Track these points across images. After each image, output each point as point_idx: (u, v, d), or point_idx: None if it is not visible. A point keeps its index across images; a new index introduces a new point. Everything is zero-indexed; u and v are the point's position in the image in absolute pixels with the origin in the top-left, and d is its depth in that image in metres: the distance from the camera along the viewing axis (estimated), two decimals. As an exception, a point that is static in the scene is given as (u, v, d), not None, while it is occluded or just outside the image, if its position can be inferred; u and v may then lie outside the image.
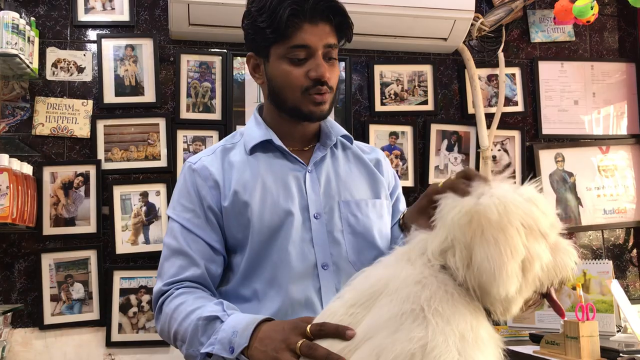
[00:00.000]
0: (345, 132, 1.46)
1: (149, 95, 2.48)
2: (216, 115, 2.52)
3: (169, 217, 1.37)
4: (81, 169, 2.38)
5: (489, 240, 0.92)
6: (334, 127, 1.45)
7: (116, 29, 2.50)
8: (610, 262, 2.14)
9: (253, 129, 1.41)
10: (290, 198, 1.32)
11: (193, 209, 1.33)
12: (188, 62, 2.52)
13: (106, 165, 2.41)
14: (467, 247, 0.94)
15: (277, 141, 1.37)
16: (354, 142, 1.50)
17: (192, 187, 1.34)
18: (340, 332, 0.95)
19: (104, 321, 2.33)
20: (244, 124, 2.53)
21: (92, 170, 2.38)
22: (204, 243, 1.31)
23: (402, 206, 1.52)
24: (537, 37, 2.85)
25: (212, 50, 2.56)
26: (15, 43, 2.14)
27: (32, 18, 2.37)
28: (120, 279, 2.36)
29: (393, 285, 0.94)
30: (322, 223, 1.33)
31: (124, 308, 2.35)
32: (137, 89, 2.48)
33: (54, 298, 2.31)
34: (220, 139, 2.48)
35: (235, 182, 1.33)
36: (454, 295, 0.93)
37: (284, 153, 1.38)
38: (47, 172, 2.35)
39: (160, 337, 1.32)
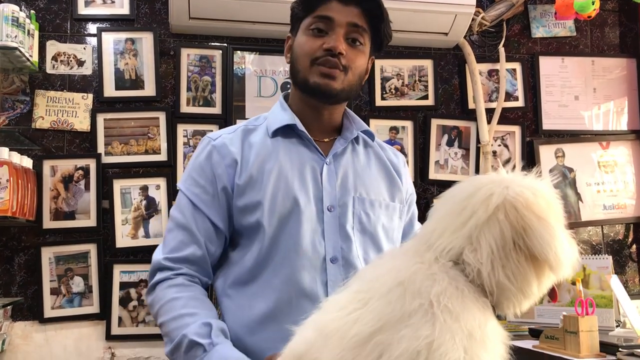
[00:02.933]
0: (367, 127, 1.45)
1: (149, 89, 2.47)
2: (216, 110, 2.52)
3: (179, 189, 1.37)
4: (81, 162, 2.38)
5: (549, 221, 0.93)
6: (356, 121, 1.45)
7: (116, 23, 2.50)
8: (610, 257, 2.14)
9: (278, 113, 1.41)
10: (304, 187, 1.32)
11: (203, 184, 1.33)
12: (188, 56, 2.52)
13: (106, 159, 2.41)
14: (506, 237, 0.92)
15: (301, 127, 1.37)
16: (378, 140, 1.49)
17: (207, 164, 1.34)
18: None
19: (104, 315, 2.33)
20: (244, 118, 2.53)
21: (92, 164, 2.38)
22: (208, 221, 1.31)
23: (416, 226, 1.51)
24: (538, 32, 2.85)
25: (213, 44, 2.55)
26: (15, 36, 2.14)
27: (32, 11, 2.37)
28: (120, 273, 2.36)
29: (402, 278, 0.92)
30: (335, 216, 1.32)
31: (124, 302, 2.35)
32: (137, 83, 2.47)
33: (54, 291, 2.31)
34: (220, 133, 2.49)
35: (252, 162, 1.33)
36: (464, 291, 0.91)
37: (306, 141, 1.38)
38: (47, 165, 2.35)
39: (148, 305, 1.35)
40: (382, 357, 0.85)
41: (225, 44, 2.54)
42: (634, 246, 2.83)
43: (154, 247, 2.34)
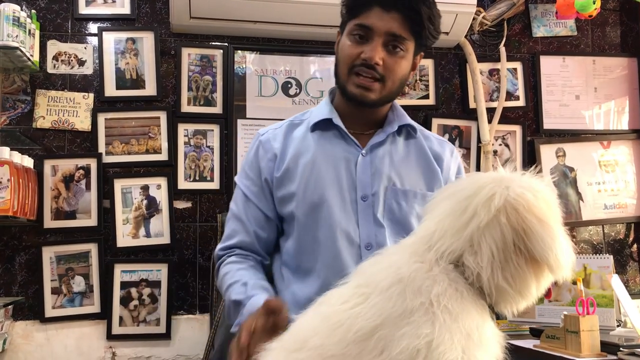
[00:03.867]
0: (410, 121, 1.48)
1: (150, 89, 2.47)
2: (217, 109, 2.52)
3: (235, 182, 1.50)
4: (82, 162, 2.38)
5: (550, 224, 0.94)
6: (400, 116, 1.47)
7: (117, 22, 2.50)
8: (611, 256, 2.13)
9: (320, 108, 1.48)
10: (336, 178, 1.37)
11: (252, 177, 1.45)
12: (189, 56, 2.52)
13: (107, 159, 2.41)
14: (507, 239, 0.93)
15: (337, 121, 1.42)
16: (425, 132, 1.52)
17: (255, 158, 1.46)
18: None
19: (105, 314, 2.33)
20: (244, 117, 2.53)
21: (93, 163, 2.38)
22: (257, 210, 1.43)
23: None
24: (539, 31, 2.85)
25: (213, 43, 2.55)
26: (16, 36, 2.14)
27: (33, 11, 2.37)
28: (121, 272, 2.36)
29: (403, 275, 0.93)
30: (369, 205, 1.37)
31: (125, 301, 2.35)
32: (138, 82, 2.47)
33: (55, 291, 2.32)
34: (221, 132, 2.49)
35: (290, 155, 1.41)
36: (463, 293, 0.93)
37: (342, 134, 1.42)
38: (48, 165, 2.35)
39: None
40: (383, 352, 0.87)
41: (226, 44, 2.54)
42: (635, 245, 2.82)
43: (155, 246, 2.39)
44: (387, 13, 1.32)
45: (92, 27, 2.47)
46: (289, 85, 2.60)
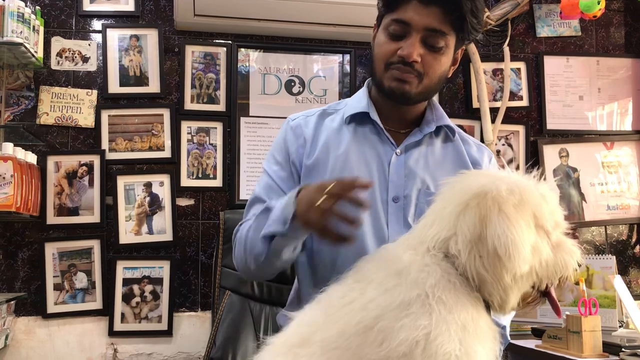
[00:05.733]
0: (449, 122, 1.42)
1: (154, 86, 2.48)
2: (220, 107, 2.52)
3: (263, 167, 1.46)
4: (85, 158, 2.39)
5: (508, 215, 0.94)
6: (438, 116, 1.42)
7: (121, 19, 2.50)
8: (614, 257, 2.14)
9: (357, 100, 1.42)
10: (367, 176, 1.32)
11: (281, 162, 1.41)
12: (193, 53, 2.52)
13: (110, 155, 2.41)
14: (476, 225, 0.95)
15: (374, 116, 1.37)
16: (464, 135, 1.47)
17: (284, 143, 1.42)
18: (353, 184, 1.04)
19: (107, 311, 2.34)
20: (248, 115, 2.53)
21: (96, 160, 2.39)
22: (283, 194, 1.34)
23: None
24: (543, 31, 2.84)
25: (217, 41, 2.55)
26: (21, 32, 2.14)
27: (38, 7, 2.37)
28: (123, 269, 2.36)
29: (398, 268, 0.95)
30: (400, 207, 1.32)
31: (127, 298, 2.36)
32: (142, 80, 2.48)
33: (57, 287, 2.32)
34: (224, 130, 2.49)
35: (321, 146, 1.37)
36: (456, 284, 0.94)
37: (378, 130, 1.38)
38: (51, 161, 2.36)
39: (237, 269, 1.39)
40: (383, 344, 0.88)
41: (230, 42, 2.55)
42: (638, 247, 2.82)
43: (157, 243, 2.40)
44: (426, 7, 1.25)
45: (96, 24, 2.47)
46: (293, 84, 2.60)
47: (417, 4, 1.25)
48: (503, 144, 2.74)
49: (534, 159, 2.75)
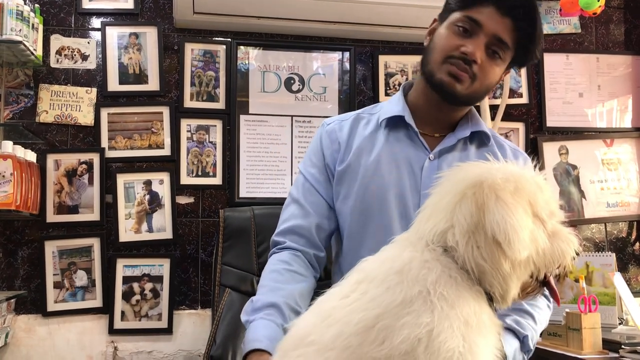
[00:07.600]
0: (484, 128, 1.41)
1: (153, 84, 2.47)
2: (220, 105, 2.52)
3: (299, 169, 1.47)
4: (85, 156, 2.38)
5: (505, 201, 0.94)
6: (475, 122, 1.41)
7: (120, 17, 2.49)
8: (613, 254, 2.14)
9: (391, 103, 1.43)
10: (398, 181, 1.33)
11: (318, 165, 1.42)
12: (192, 51, 2.52)
13: (110, 154, 2.41)
14: (474, 214, 0.94)
15: (409, 119, 1.37)
16: (500, 139, 1.46)
17: (319, 147, 1.43)
18: None
19: (107, 309, 2.34)
20: (247, 113, 2.53)
21: (95, 158, 2.39)
22: (321, 198, 1.39)
23: None
24: (543, 28, 2.83)
25: (217, 39, 2.55)
26: (20, 30, 2.14)
27: (37, 5, 2.37)
28: (123, 267, 2.37)
29: (399, 266, 0.94)
30: None
31: (127, 296, 2.36)
32: (141, 77, 2.47)
33: (57, 285, 2.32)
34: (223, 128, 2.49)
35: (354, 150, 1.38)
36: (457, 279, 0.94)
37: (412, 134, 1.37)
38: (50, 159, 2.35)
39: None
40: (384, 342, 0.87)
41: (229, 39, 2.54)
42: (637, 244, 2.82)
43: (157, 241, 2.40)
44: (502, 16, 1.27)
45: (96, 22, 2.47)
46: (292, 81, 2.60)
47: (494, 10, 1.27)
48: (503, 142, 2.73)
49: (533, 157, 2.74)
